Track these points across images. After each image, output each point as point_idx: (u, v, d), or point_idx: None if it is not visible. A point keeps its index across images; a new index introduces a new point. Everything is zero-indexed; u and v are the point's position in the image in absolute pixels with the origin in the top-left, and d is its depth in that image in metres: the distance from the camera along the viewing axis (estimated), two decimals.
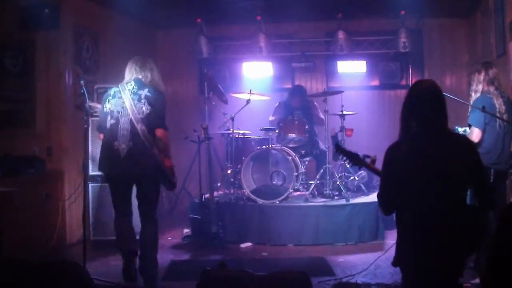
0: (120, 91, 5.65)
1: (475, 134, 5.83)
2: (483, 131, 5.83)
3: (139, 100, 5.57)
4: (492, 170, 5.79)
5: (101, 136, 5.72)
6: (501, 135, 5.87)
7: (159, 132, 5.58)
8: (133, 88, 5.64)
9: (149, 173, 5.59)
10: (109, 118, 5.57)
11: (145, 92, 5.62)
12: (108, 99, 5.64)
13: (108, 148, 5.57)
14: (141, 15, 9.48)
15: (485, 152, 5.80)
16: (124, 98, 5.58)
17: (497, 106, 5.82)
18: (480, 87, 6.00)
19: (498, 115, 5.76)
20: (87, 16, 8.40)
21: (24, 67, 7.57)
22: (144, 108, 5.55)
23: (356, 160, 4.43)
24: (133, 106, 5.53)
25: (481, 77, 6.00)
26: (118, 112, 5.56)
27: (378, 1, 8.97)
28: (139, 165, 5.52)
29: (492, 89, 5.94)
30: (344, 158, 4.49)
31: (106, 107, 5.64)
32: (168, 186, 5.91)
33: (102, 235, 7.26)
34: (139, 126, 5.47)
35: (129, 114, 5.51)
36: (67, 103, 7.82)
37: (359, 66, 10.24)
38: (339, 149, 4.52)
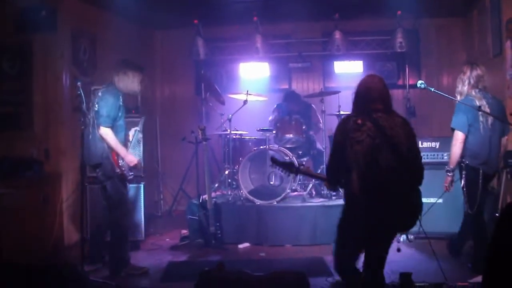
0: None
1: (459, 137, 5.98)
2: (467, 133, 5.96)
3: (95, 100, 6.33)
4: (481, 171, 5.94)
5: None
6: (487, 137, 5.97)
7: (99, 130, 6.18)
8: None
9: (98, 163, 6.27)
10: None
11: (99, 93, 6.36)
12: None
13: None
14: (138, 17, 9.47)
15: (472, 155, 5.98)
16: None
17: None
18: (465, 89, 6.12)
19: (481, 117, 5.89)
20: (84, 18, 8.40)
21: (22, 69, 7.57)
22: (94, 107, 6.27)
23: (292, 168, 4.94)
24: (90, 106, 6.29)
25: (465, 78, 6.11)
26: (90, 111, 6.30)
27: (375, 2, 8.97)
28: (90, 155, 6.26)
29: (475, 91, 6.02)
30: (281, 169, 4.99)
31: None
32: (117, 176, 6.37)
33: None
34: (95, 122, 6.24)
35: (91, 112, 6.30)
36: (65, 105, 7.82)
37: (356, 66, 10.21)
38: (274, 162, 5.02)
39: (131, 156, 6.45)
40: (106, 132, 6.14)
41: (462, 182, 6.09)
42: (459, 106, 6.04)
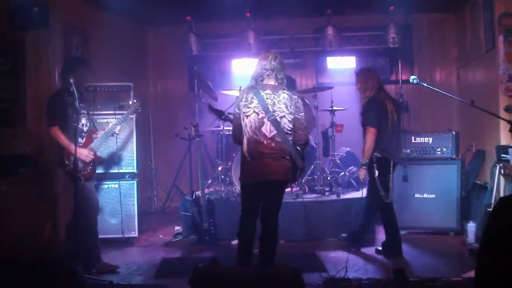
0: None
1: (372, 132, 6.49)
2: (378, 130, 6.47)
3: None
4: (391, 162, 6.56)
5: None
6: (395, 133, 6.59)
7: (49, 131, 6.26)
8: None
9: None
10: None
11: None
12: None
13: None
14: (131, 13, 9.46)
15: (383, 148, 6.53)
16: None
17: (388, 107, 6.54)
18: (372, 93, 6.68)
19: (389, 116, 6.51)
20: (76, 15, 8.38)
21: (14, 66, 7.53)
22: None
23: (221, 115, 7.40)
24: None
25: (374, 83, 6.70)
26: None
27: None
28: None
29: (382, 93, 6.68)
30: (214, 114, 7.43)
31: None
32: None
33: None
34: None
35: None
36: None
37: (349, 62, 10.24)
38: (210, 108, 7.52)
39: (84, 151, 6.30)
40: (53, 132, 6.19)
41: (376, 173, 6.53)
42: (369, 105, 6.59)
